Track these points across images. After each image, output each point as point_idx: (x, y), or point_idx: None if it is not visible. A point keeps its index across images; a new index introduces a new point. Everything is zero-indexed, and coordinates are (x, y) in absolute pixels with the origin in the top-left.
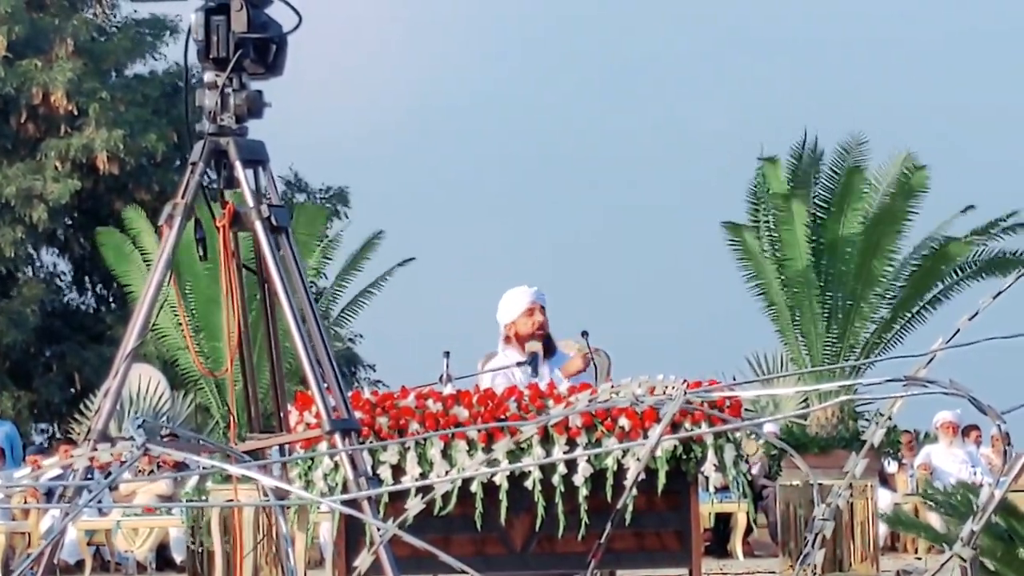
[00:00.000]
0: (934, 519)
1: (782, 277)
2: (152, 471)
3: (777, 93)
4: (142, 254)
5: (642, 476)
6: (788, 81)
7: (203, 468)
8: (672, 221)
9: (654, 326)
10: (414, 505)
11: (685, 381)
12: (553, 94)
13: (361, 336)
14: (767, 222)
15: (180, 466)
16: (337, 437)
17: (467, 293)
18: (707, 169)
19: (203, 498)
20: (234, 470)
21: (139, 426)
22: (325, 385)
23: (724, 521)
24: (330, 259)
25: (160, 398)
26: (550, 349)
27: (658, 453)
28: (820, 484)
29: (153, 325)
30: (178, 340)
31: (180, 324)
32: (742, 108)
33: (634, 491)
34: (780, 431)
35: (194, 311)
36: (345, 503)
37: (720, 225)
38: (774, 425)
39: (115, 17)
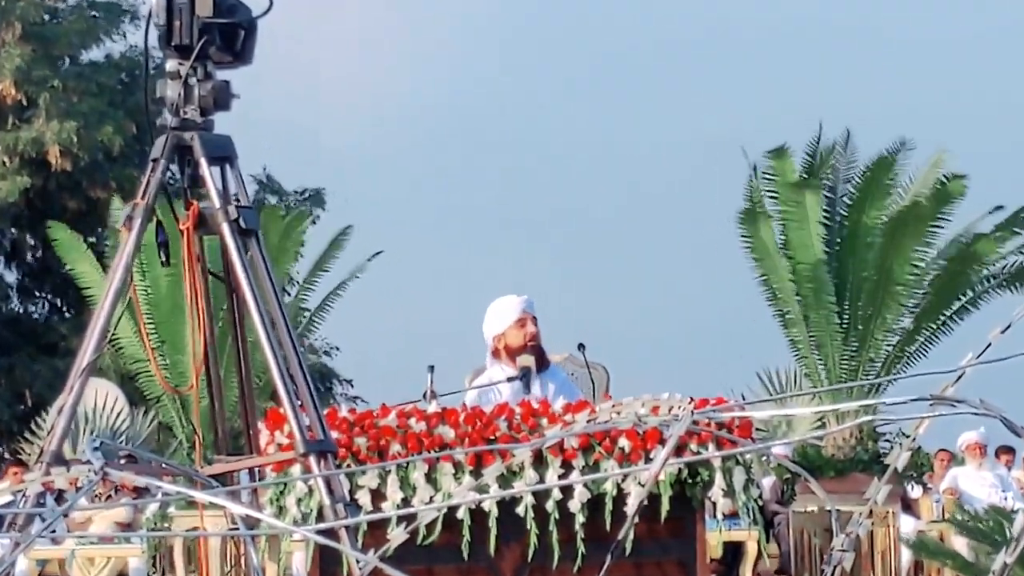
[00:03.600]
0: (960, 545)
1: (795, 282)
2: (110, 496)
3: (786, 90)
4: (99, 255)
5: (644, 502)
6: (797, 78)
7: (167, 494)
8: (677, 224)
9: (656, 338)
10: (397, 536)
11: (692, 400)
12: (553, 94)
13: (338, 349)
14: (775, 218)
15: (140, 491)
16: (312, 460)
17: (453, 304)
18: (713, 172)
19: (166, 526)
20: (200, 496)
21: (96, 448)
22: (299, 402)
23: (733, 550)
24: (302, 254)
25: (118, 416)
26: (543, 363)
27: (661, 477)
28: (838, 511)
29: (111, 336)
30: (138, 353)
31: (140, 335)
32: (745, 110)
33: (635, 519)
34: (794, 452)
35: (155, 322)
36: (321, 532)
37: (736, 221)
38: (787, 446)
39: None
